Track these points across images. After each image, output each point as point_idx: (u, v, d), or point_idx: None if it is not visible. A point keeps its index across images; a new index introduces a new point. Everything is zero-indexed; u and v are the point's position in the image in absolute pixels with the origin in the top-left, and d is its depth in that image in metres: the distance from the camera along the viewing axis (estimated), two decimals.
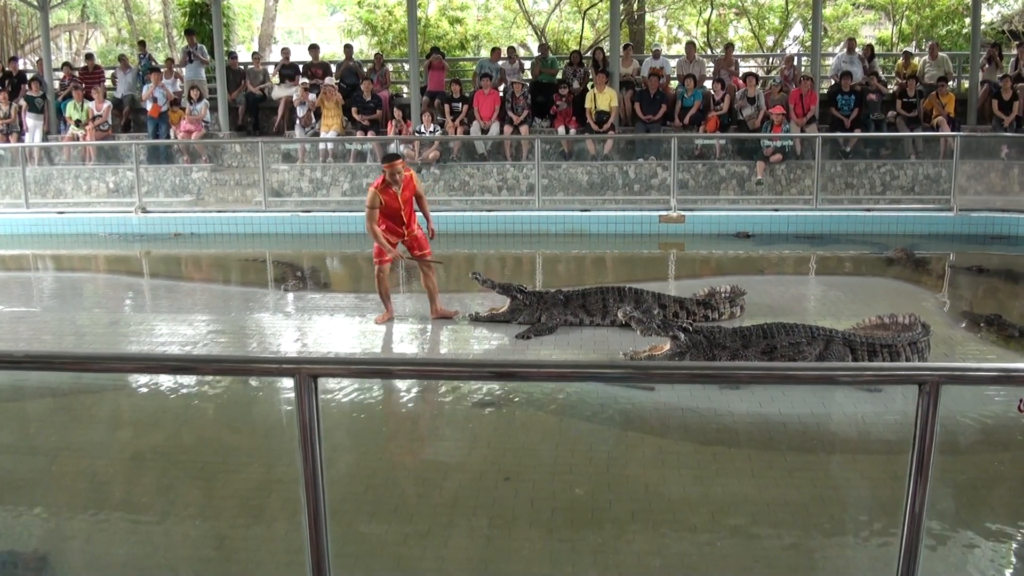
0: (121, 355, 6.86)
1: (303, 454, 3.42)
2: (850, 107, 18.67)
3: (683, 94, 19.25)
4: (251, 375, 7.65)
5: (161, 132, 20.24)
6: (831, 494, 6.31)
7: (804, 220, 16.27)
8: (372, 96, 19.94)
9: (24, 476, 6.96)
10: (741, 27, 36.93)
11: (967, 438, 7.11)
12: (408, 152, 18.15)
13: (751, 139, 18.06)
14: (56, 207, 18.64)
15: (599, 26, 34.26)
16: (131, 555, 5.76)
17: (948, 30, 31.10)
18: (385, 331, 10.56)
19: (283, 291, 12.61)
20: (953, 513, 5.81)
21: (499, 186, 18.30)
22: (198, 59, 21.93)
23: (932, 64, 20.40)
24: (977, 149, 17.61)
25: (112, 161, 19.81)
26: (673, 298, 10.58)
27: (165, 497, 6.65)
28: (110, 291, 13.67)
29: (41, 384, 8.23)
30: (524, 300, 10.42)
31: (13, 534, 5.97)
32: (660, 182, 17.79)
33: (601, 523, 5.78)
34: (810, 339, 8.51)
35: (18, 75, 22.46)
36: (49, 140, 20.98)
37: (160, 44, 38.97)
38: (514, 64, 21.58)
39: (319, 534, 3.47)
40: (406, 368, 4.51)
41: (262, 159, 17.82)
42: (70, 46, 42.14)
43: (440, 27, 32.57)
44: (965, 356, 9.22)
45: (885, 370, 4.99)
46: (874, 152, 18.29)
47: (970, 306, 11.61)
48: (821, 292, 12.70)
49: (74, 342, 10.44)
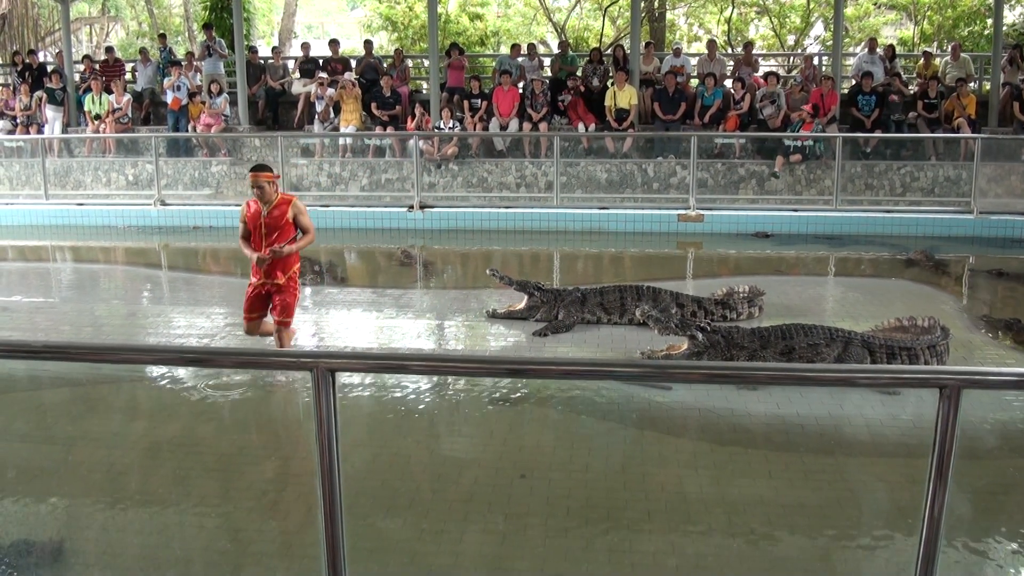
0: (139, 347, 6.88)
1: (320, 448, 3.41)
2: (871, 107, 18.58)
3: (703, 92, 19.18)
4: (269, 368, 7.64)
5: (181, 126, 20.30)
6: (848, 497, 6.27)
7: (823, 221, 16.20)
8: (392, 92, 19.95)
9: (40, 465, 6.98)
10: (762, 25, 36.81)
11: (985, 443, 7.06)
12: (427, 148, 18.15)
13: (771, 138, 17.99)
14: (75, 199, 18.71)
15: (620, 23, 34.20)
16: (145, 545, 5.77)
17: (970, 31, 30.91)
18: (402, 327, 10.55)
19: (301, 284, 12.61)
20: (971, 518, 5.77)
21: (517, 183, 18.28)
22: (217, 53, 21.97)
23: (953, 65, 20.28)
24: (998, 151, 17.48)
25: (132, 154, 19.89)
26: (691, 297, 10.54)
27: (180, 488, 6.66)
28: (128, 283, 13.71)
29: (59, 374, 8.26)
30: (541, 297, 10.40)
31: (29, 522, 5.99)
32: (679, 181, 17.74)
33: (616, 522, 5.76)
34: (829, 341, 8.46)
35: (39, 67, 22.55)
36: (69, 132, 21.06)
37: (180, 38, 39.09)
38: (534, 61, 21.56)
39: (335, 528, 3.47)
40: (423, 363, 4.49)
41: (281, 153, 17.86)
42: (90, 39, 42.32)
43: (460, 23, 32.57)
44: (984, 360, 9.16)
45: (905, 373, 4.95)
46: (894, 153, 18.19)
47: (989, 310, 11.54)
48: (840, 293, 12.64)
49: (92, 333, 10.47)
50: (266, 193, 8.49)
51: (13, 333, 10.42)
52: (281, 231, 8.62)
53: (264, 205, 8.56)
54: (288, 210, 8.62)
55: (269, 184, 8.47)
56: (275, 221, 8.58)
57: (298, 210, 8.70)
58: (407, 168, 18.03)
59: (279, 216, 8.59)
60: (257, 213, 8.60)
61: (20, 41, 31.94)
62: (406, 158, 18.39)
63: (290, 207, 8.64)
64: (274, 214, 8.57)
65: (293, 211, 8.65)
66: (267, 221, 8.56)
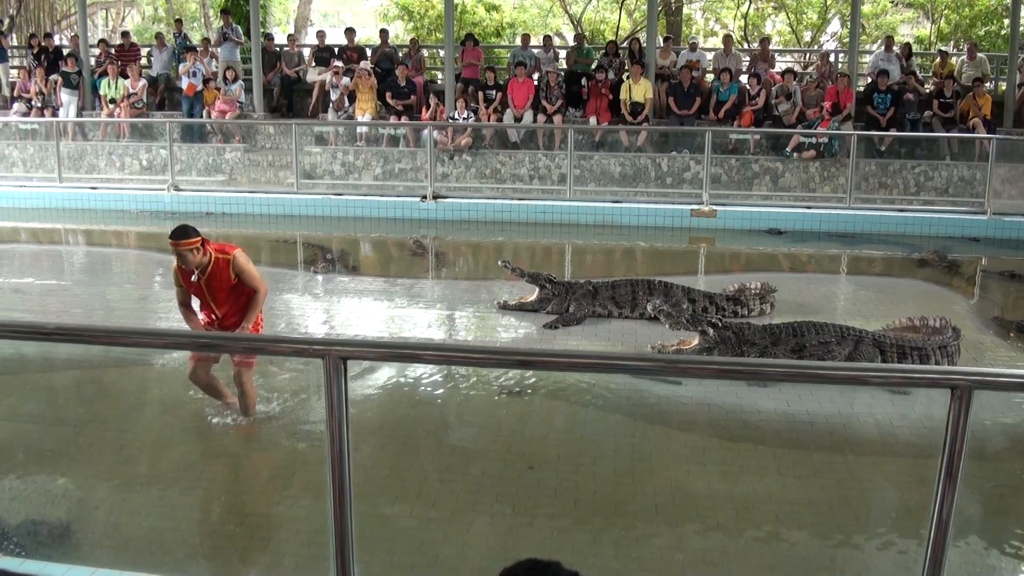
0: (150, 330, 6.89)
1: (330, 435, 3.43)
2: (886, 106, 18.50)
3: (718, 88, 19.12)
4: (281, 355, 7.65)
5: (195, 111, 20.31)
6: (856, 495, 6.27)
7: (837, 218, 16.14)
8: (407, 81, 19.93)
9: (51, 446, 7.01)
10: (779, 21, 36.69)
11: (994, 444, 7.05)
12: (441, 138, 18.15)
13: (785, 135, 17.93)
14: (89, 182, 18.72)
15: (636, 16, 34.12)
16: (154, 528, 5.80)
17: (987, 31, 30.75)
18: (413, 316, 10.57)
19: (312, 273, 12.64)
20: (979, 520, 5.76)
21: (531, 175, 18.26)
22: (232, 40, 21.98)
23: (970, 65, 20.17)
24: (1012, 152, 17.37)
25: (146, 139, 19.92)
26: (703, 293, 10.54)
27: (190, 472, 6.69)
28: (140, 267, 13.76)
29: (70, 357, 8.29)
30: (553, 290, 10.40)
31: (39, 502, 6.02)
32: (693, 176, 17.70)
33: (624, 516, 5.76)
34: (840, 339, 8.45)
35: (55, 51, 22.59)
36: (83, 116, 21.09)
37: (196, 24, 39.12)
38: (549, 53, 21.52)
39: (343, 515, 3.48)
40: (434, 353, 4.50)
41: (295, 141, 17.86)
42: (106, 23, 42.40)
43: (476, 14, 32.50)
44: (994, 362, 9.14)
45: (917, 373, 4.94)
46: (909, 152, 18.10)
47: (1001, 311, 11.50)
48: (851, 292, 12.62)
49: (104, 316, 10.51)
50: (191, 262, 6.97)
51: (25, 315, 10.46)
52: (229, 292, 7.26)
53: (196, 270, 7.10)
54: (228, 272, 7.15)
55: (192, 252, 6.92)
56: (220, 284, 7.19)
57: (239, 268, 7.20)
58: (421, 158, 18.02)
59: (223, 280, 7.17)
60: (192, 282, 7.19)
61: (36, 24, 31.98)
62: (420, 148, 18.37)
63: (230, 268, 7.15)
64: (212, 283, 7.16)
65: (235, 271, 7.18)
66: (211, 286, 7.19)
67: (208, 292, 7.18)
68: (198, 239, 6.93)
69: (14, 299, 11.40)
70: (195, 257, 6.92)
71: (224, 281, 7.15)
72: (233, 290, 7.24)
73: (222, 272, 7.12)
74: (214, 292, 7.19)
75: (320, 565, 4.91)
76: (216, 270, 7.10)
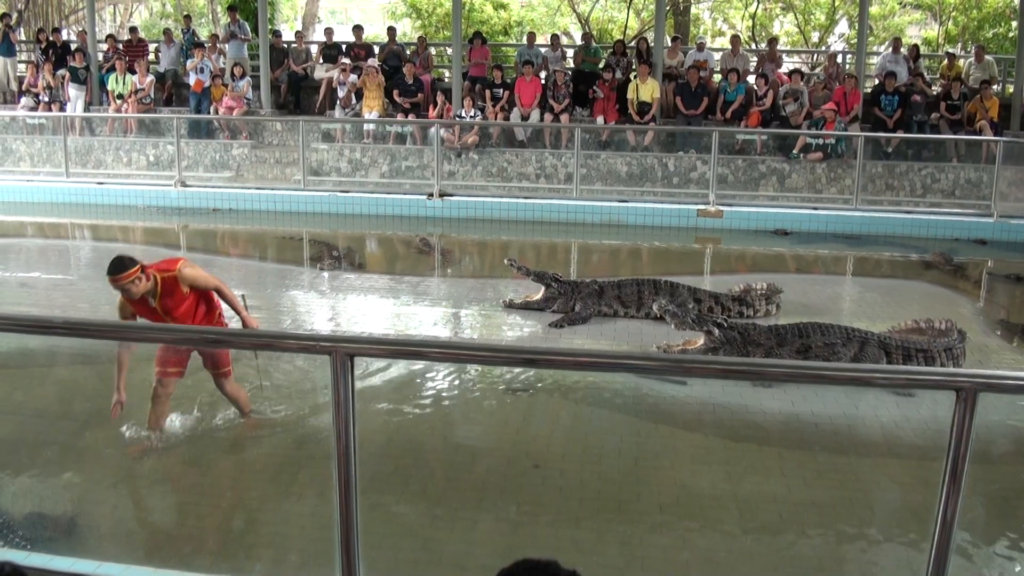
0: (155, 326, 6.91)
1: (336, 431, 3.44)
2: (893, 107, 18.48)
3: (726, 88, 19.12)
4: (288, 351, 7.68)
5: (203, 107, 20.32)
6: (860, 497, 6.27)
7: (843, 220, 16.12)
8: (414, 79, 19.94)
9: (56, 440, 7.03)
10: (787, 22, 36.66)
11: (998, 447, 7.05)
12: (448, 136, 18.16)
13: (792, 135, 17.91)
14: (96, 177, 18.74)
15: (644, 16, 34.10)
16: (159, 523, 5.82)
17: (995, 33, 30.72)
18: (419, 314, 10.58)
19: (319, 270, 12.66)
20: (983, 522, 5.77)
21: (537, 174, 18.26)
22: (240, 36, 22.00)
23: (977, 67, 20.13)
24: (1020, 155, 17.34)
25: (153, 134, 19.92)
26: (709, 293, 10.54)
27: (196, 468, 6.71)
28: (147, 263, 13.75)
29: (76, 351, 8.31)
30: (559, 289, 10.40)
31: (43, 497, 6.04)
32: (699, 176, 17.69)
33: (628, 515, 5.78)
34: (845, 340, 8.45)
35: (62, 46, 22.62)
36: (91, 111, 21.11)
37: (204, 20, 39.14)
38: (557, 52, 21.52)
39: (349, 511, 3.49)
40: (440, 351, 4.51)
41: (302, 138, 17.87)
42: (114, 19, 42.41)
43: (484, 12, 32.51)
44: (1000, 364, 9.14)
45: (922, 375, 4.94)
46: (916, 154, 18.07)
47: (1007, 314, 11.49)
48: (857, 293, 12.61)
49: (109, 311, 10.50)
50: (135, 293, 6.58)
51: (32, 309, 10.49)
52: (191, 306, 6.91)
53: (149, 298, 6.71)
54: (180, 288, 6.76)
55: (134, 283, 6.52)
56: (176, 302, 6.80)
57: (189, 279, 6.81)
58: (427, 156, 18.03)
59: (178, 297, 6.79)
60: (148, 309, 6.79)
61: (44, 19, 32.04)
62: (427, 146, 18.38)
63: (179, 284, 6.75)
64: (169, 304, 6.77)
65: (186, 285, 6.79)
66: (167, 307, 6.78)
67: (168, 314, 6.78)
68: (136, 268, 6.53)
69: (21, 293, 11.42)
70: (138, 287, 6.52)
71: (180, 298, 6.78)
72: (195, 302, 6.93)
73: (174, 290, 6.75)
74: (173, 312, 6.79)
75: (325, 561, 4.91)
76: (166, 290, 6.72)
